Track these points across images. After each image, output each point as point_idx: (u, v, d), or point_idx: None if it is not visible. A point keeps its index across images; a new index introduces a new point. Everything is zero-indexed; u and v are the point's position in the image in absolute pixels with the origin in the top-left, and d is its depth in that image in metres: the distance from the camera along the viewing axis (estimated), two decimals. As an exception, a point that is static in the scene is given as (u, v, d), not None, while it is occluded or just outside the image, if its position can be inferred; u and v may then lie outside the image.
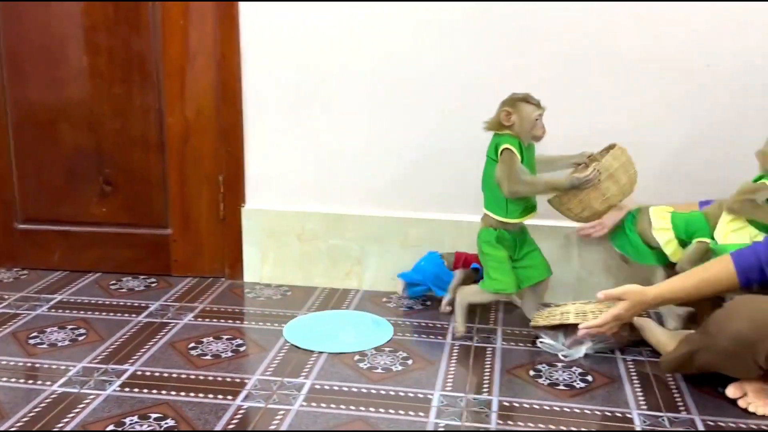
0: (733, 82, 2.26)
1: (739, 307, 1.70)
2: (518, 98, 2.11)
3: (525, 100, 2.10)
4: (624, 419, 1.74)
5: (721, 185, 2.26)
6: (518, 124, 2.09)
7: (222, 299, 2.49)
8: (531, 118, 2.09)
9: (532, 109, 2.09)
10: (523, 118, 2.09)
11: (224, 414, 1.74)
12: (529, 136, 2.12)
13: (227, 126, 2.54)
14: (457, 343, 2.15)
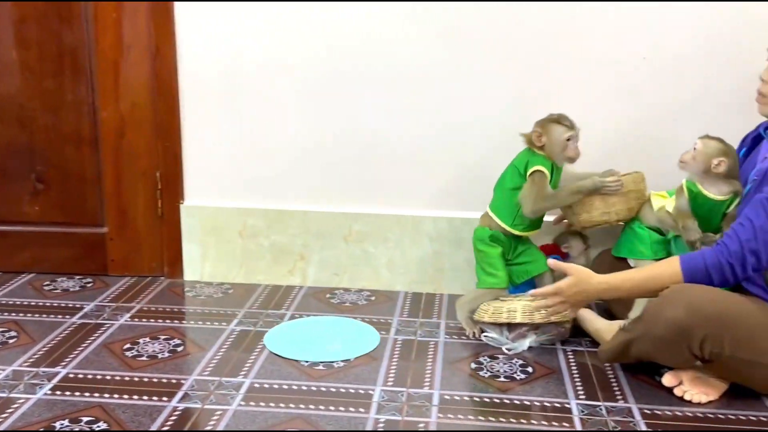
0: (667, 74, 2.30)
1: (674, 295, 1.72)
2: (550, 119, 2.08)
3: (556, 121, 2.08)
4: (563, 409, 1.75)
5: (658, 176, 2.30)
6: (548, 145, 2.08)
7: (161, 299, 2.43)
8: (561, 139, 2.07)
9: (563, 130, 2.06)
10: (553, 141, 2.07)
11: (159, 416, 1.70)
12: (561, 158, 2.10)
13: (164, 120, 2.48)
14: (400, 338, 2.14)
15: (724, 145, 1.92)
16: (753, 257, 1.71)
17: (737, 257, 1.72)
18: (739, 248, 1.72)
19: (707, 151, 1.91)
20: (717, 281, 1.74)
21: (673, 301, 1.71)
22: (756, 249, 1.71)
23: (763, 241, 1.70)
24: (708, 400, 1.79)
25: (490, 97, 2.37)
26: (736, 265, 1.72)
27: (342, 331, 2.18)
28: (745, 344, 1.69)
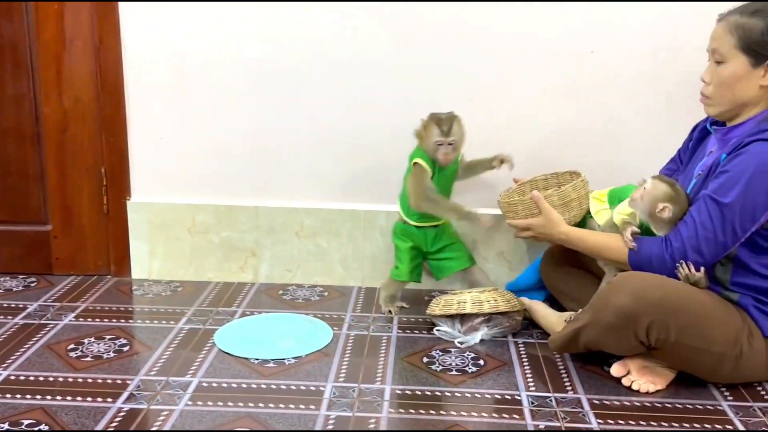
0: (615, 67, 2.32)
1: (623, 282, 1.74)
2: (433, 117, 2.13)
3: (436, 122, 2.11)
4: (513, 401, 1.76)
5: (605, 168, 2.33)
6: (424, 140, 2.13)
7: (107, 298, 2.37)
8: (432, 140, 2.11)
9: (437, 133, 2.10)
10: (426, 137, 2.12)
11: (103, 417, 1.65)
12: (434, 155, 2.13)
13: (108, 115, 2.42)
14: (352, 334, 2.13)
15: (673, 190, 1.81)
16: (695, 253, 1.74)
17: (679, 252, 1.75)
18: (681, 245, 1.75)
19: (654, 194, 1.81)
20: (659, 273, 1.77)
21: (620, 289, 1.73)
22: (697, 245, 1.73)
23: (704, 238, 1.73)
24: (655, 389, 1.81)
25: (439, 92, 2.36)
26: (677, 261, 1.75)
27: (294, 328, 2.15)
28: (691, 331, 1.71)
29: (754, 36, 1.72)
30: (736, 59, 1.76)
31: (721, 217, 1.71)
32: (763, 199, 1.69)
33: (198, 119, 2.43)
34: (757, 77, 1.75)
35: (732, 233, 1.72)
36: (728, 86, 1.78)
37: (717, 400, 1.77)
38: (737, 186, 1.69)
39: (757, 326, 1.77)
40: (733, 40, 1.75)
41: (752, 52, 1.73)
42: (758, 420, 1.69)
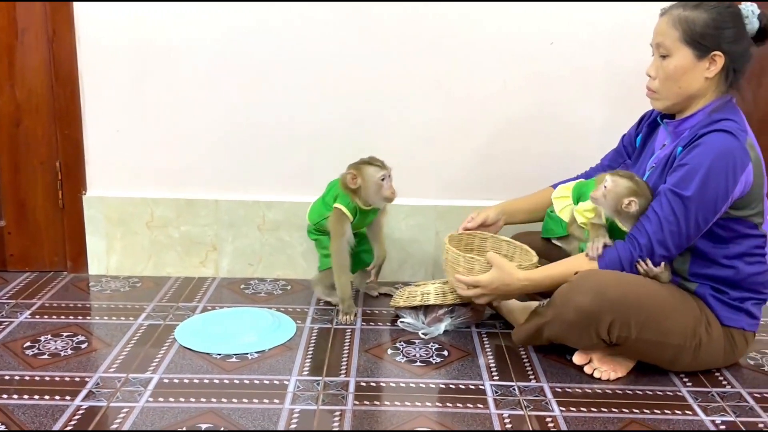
0: (574, 59, 2.34)
1: (583, 281, 1.75)
2: (362, 161, 2.12)
3: (369, 162, 2.11)
4: (477, 390, 1.76)
5: (565, 159, 2.35)
6: (364, 187, 2.10)
7: (63, 294, 2.32)
8: (376, 179, 2.09)
9: (375, 170, 2.09)
10: (368, 182, 2.09)
11: (61, 416, 1.62)
12: (378, 199, 2.12)
13: (63, 107, 2.36)
14: (316, 327, 2.11)
15: (634, 183, 1.82)
16: (661, 248, 1.75)
17: (647, 250, 1.76)
18: (648, 241, 1.75)
19: (617, 191, 1.81)
20: (630, 273, 1.78)
21: (581, 288, 1.74)
22: (663, 240, 1.75)
23: (669, 232, 1.74)
24: (617, 377, 1.83)
25: (399, 83, 2.36)
26: (646, 258, 1.76)
27: (257, 322, 2.12)
28: (651, 326, 1.73)
29: (698, 28, 1.74)
30: (681, 52, 1.77)
31: (684, 210, 1.72)
32: (722, 189, 1.71)
33: (155, 111, 2.38)
34: (702, 69, 1.77)
35: (695, 225, 1.74)
36: (674, 80, 1.79)
37: (677, 387, 1.80)
38: (696, 178, 1.71)
39: (715, 315, 1.81)
40: (677, 34, 1.76)
41: (696, 44, 1.75)
42: (717, 405, 1.72)
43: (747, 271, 1.80)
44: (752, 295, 1.82)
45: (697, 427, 1.62)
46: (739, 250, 1.79)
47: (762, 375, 1.88)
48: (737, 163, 1.71)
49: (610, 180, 1.83)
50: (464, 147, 2.41)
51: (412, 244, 2.47)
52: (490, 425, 1.61)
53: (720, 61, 1.75)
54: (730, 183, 1.70)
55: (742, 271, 1.79)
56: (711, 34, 1.74)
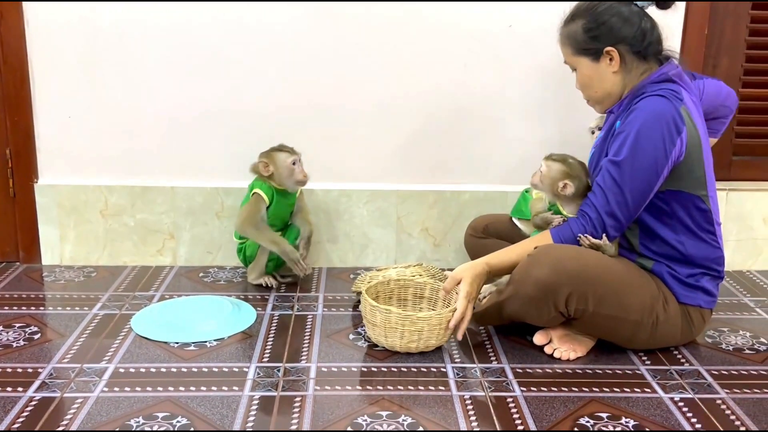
0: (532, 41, 2.34)
1: (541, 255, 1.76)
2: (272, 149, 2.21)
3: (279, 149, 2.20)
4: (439, 373, 1.76)
5: (525, 141, 2.36)
6: (276, 173, 2.18)
7: (16, 285, 2.26)
8: (287, 164, 2.18)
9: (286, 156, 2.19)
10: (280, 167, 2.18)
11: (13, 407, 1.57)
12: (291, 183, 2.20)
13: (11, 93, 2.29)
14: (276, 314, 2.09)
15: (566, 165, 1.85)
16: (611, 219, 1.77)
17: (598, 223, 1.78)
18: (597, 215, 1.78)
19: (551, 175, 1.86)
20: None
21: (539, 261, 1.75)
22: (611, 211, 1.77)
23: (616, 203, 1.76)
24: (576, 356, 1.84)
25: (357, 67, 2.34)
26: (599, 231, 1.78)
27: (216, 310, 2.09)
28: (609, 300, 1.75)
29: (579, 37, 1.82)
30: (580, 63, 1.85)
31: (623, 176, 1.74)
32: (660, 149, 1.72)
33: (108, 95, 2.32)
34: (605, 68, 1.82)
35: (639, 190, 1.75)
36: (588, 86, 1.87)
37: (635, 365, 1.82)
38: (629, 142, 1.74)
39: (672, 293, 1.83)
40: (569, 50, 1.86)
41: (585, 51, 1.82)
42: (675, 382, 1.74)
43: (695, 248, 1.82)
44: (707, 271, 1.85)
45: (655, 405, 1.64)
46: (685, 225, 1.81)
47: (719, 352, 1.91)
48: (671, 123, 1.73)
49: (544, 164, 1.89)
50: (425, 131, 2.40)
51: (374, 230, 2.46)
52: (451, 407, 1.61)
53: (615, 54, 1.81)
54: (668, 143, 1.72)
55: (689, 247, 1.82)
56: (591, 37, 1.81)
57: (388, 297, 2.02)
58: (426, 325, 1.79)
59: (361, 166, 2.39)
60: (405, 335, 1.80)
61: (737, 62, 2.43)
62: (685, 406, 1.64)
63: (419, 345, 1.82)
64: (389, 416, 1.56)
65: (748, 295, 2.31)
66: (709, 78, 2.05)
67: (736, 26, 2.40)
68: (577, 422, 1.56)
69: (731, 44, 2.42)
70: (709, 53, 2.41)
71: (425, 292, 2.03)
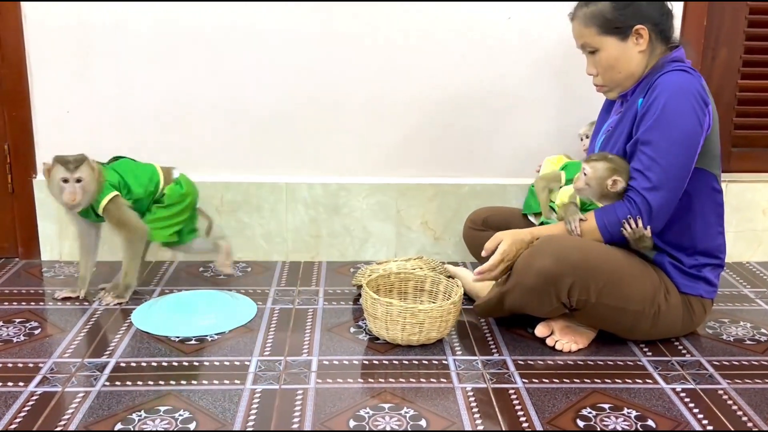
0: (531, 33, 2.34)
1: (543, 246, 1.76)
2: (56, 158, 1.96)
3: (59, 161, 1.95)
4: (441, 365, 1.76)
5: (523, 134, 2.35)
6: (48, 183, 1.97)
7: (15, 281, 2.25)
8: (57, 178, 1.94)
9: (60, 170, 1.93)
10: (51, 178, 1.95)
11: (15, 402, 1.57)
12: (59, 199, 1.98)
13: (10, 88, 2.28)
14: (277, 308, 2.09)
15: (611, 162, 1.80)
16: (655, 194, 1.74)
17: (643, 204, 1.75)
18: (641, 197, 1.75)
19: (598, 175, 1.79)
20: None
21: (542, 252, 1.75)
22: (654, 187, 1.74)
23: (657, 180, 1.73)
24: (578, 348, 1.84)
25: (358, 62, 2.33)
26: (645, 212, 1.75)
27: (216, 305, 2.08)
28: (610, 291, 1.75)
29: (608, 16, 1.79)
30: (606, 43, 1.81)
31: (661, 152, 1.72)
32: (694, 120, 1.72)
33: (106, 90, 2.32)
34: (632, 47, 1.81)
35: (679, 165, 1.73)
36: (612, 68, 1.83)
37: (637, 356, 1.82)
38: (661, 117, 1.72)
39: (673, 283, 1.83)
40: (594, 30, 1.81)
41: (614, 30, 1.79)
42: (677, 373, 1.74)
43: (703, 232, 1.82)
44: (709, 260, 1.85)
45: (657, 396, 1.64)
46: (699, 207, 1.81)
47: (720, 343, 1.91)
48: (698, 95, 1.73)
49: (588, 167, 1.82)
50: (423, 124, 2.40)
51: (374, 223, 2.45)
52: (453, 399, 1.60)
53: (644, 32, 1.79)
54: (699, 113, 1.73)
55: (698, 231, 1.82)
56: (621, 14, 1.78)
57: (389, 290, 2.02)
58: (427, 317, 1.79)
59: (360, 160, 2.38)
60: (406, 328, 1.80)
61: (736, 53, 2.43)
62: (687, 396, 1.64)
63: (420, 338, 1.82)
64: (391, 408, 1.56)
65: (748, 286, 2.31)
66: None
67: (735, 17, 2.40)
68: (579, 413, 1.56)
69: (730, 35, 2.41)
70: (708, 44, 2.41)
71: (426, 285, 2.03)
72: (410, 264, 2.13)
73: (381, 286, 2.00)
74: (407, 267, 2.10)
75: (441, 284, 2.00)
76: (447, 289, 1.97)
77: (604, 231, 1.80)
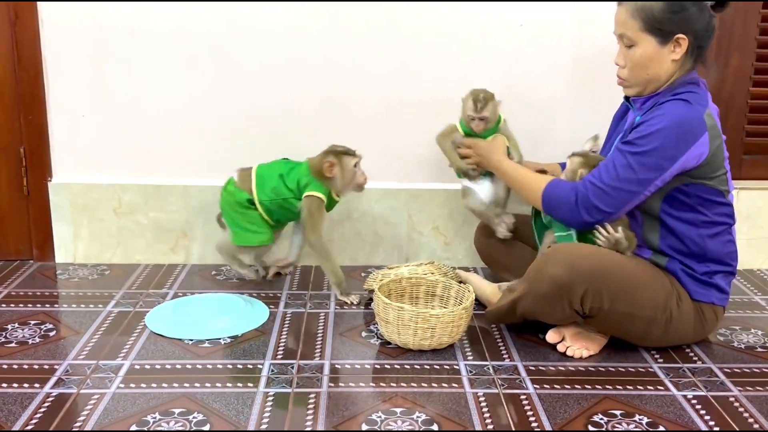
0: (542, 40, 2.35)
1: (556, 253, 1.77)
2: (339, 151, 2.11)
3: (346, 152, 2.11)
4: (452, 371, 1.77)
5: (534, 139, 2.36)
6: (340, 176, 2.11)
7: (30, 283, 2.27)
8: (350, 167, 2.12)
9: (350, 159, 2.12)
10: (346, 170, 2.12)
11: (30, 403, 1.58)
12: (351, 187, 2.14)
13: (26, 92, 2.31)
14: (289, 312, 2.10)
15: (585, 157, 1.90)
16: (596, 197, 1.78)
17: (582, 195, 1.80)
18: (584, 187, 1.80)
19: (572, 168, 1.90)
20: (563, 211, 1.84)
21: (555, 260, 1.75)
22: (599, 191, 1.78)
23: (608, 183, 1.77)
24: (589, 354, 1.85)
25: (370, 68, 2.35)
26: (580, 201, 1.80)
27: (229, 308, 2.10)
28: (623, 297, 1.75)
29: (657, 15, 1.77)
30: (644, 41, 1.79)
31: (627, 165, 1.75)
32: (670, 152, 1.73)
33: (121, 94, 2.34)
34: (668, 53, 1.80)
35: (637, 182, 1.76)
36: (643, 67, 1.82)
37: (648, 363, 1.82)
38: (647, 138, 1.74)
39: (685, 290, 1.83)
40: (638, 24, 1.79)
41: (657, 31, 1.78)
42: (688, 380, 1.74)
43: (714, 242, 1.83)
44: (720, 267, 1.85)
45: (669, 402, 1.64)
46: (706, 218, 1.82)
47: (731, 351, 1.91)
48: (691, 131, 1.73)
49: (568, 161, 1.92)
50: (435, 128, 2.40)
51: (385, 228, 2.47)
52: (465, 404, 1.61)
53: (684, 42, 1.78)
54: (681, 149, 1.73)
55: (708, 242, 1.82)
56: (670, 19, 1.76)
57: (400, 295, 2.03)
58: (439, 322, 1.80)
59: (372, 165, 2.39)
60: (418, 332, 1.81)
61: (748, 60, 2.43)
62: (698, 403, 1.64)
63: (432, 342, 1.83)
64: (403, 413, 1.57)
65: (759, 294, 2.31)
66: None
67: (746, 24, 2.40)
68: (591, 419, 1.56)
69: (742, 42, 2.42)
70: (719, 51, 2.41)
71: (437, 290, 2.04)
72: (422, 269, 2.14)
73: (393, 291, 2.01)
74: (419, 272, 2.11)
75: (452, 289, 2.01)
76: (458, 294, 1.98)
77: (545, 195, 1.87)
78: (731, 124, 2.49)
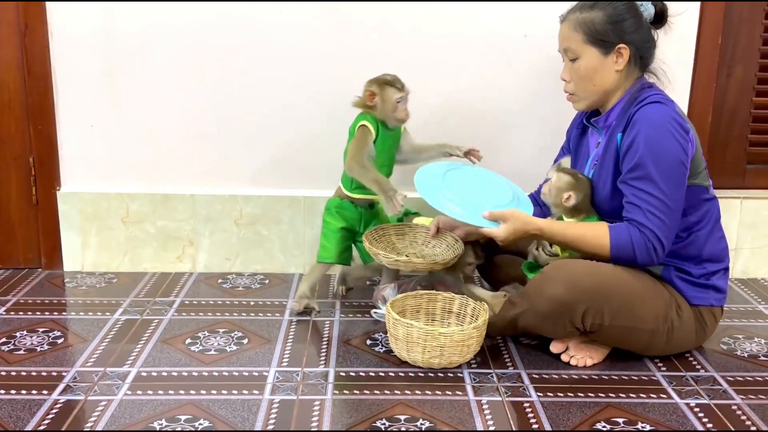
0: (547, 51, 2.35)
1: (555, 271, 1.77)
2: (384, 80, 2.12)
3: (390, 83, 2.11)
4: (455, 378, 1.78)
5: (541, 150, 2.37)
6: (381, 106, 2.11)
7: (38, 291, 2.30)
8: (393, 100, 2.10)
9: (394, 91, 2.10)
10: (386, 101, 2.10)
11: (39, 410, 1.60)
12: (392, 119, 2.13)
13: (36, 102, 2.34)
14: (294, 320, 2.12)
15: (575, 179, 1.87)
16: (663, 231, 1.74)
17: (653, 237, 1.74)
18: (654, 234, 1.74)
19: (559, 185, 1.87)
20: (640, 258, 1.76)
21: (554, 278, 1.75)
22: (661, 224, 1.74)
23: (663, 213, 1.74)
24: (593, 363, 1.86)
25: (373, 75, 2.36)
26: (654, 249, 1.75)
27: (496, 194, 1.96)
28: (624, 312, 1.76)
29: (598, 27, 1.81)
30: (588, 53, 1.84)
31: (658, 187, 1.73)
32: (677, 149, 1.74)
33: (129, 105, 2.37)
34: (611, 64, 1.83)
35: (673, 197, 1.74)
36: (588, 79, 1.86)
37: (651, 371, 1.83)
38: (648, 154, 1.74)
39: (683, 296, 1.84)
40: (580, 36, 1.83)
41: (600, 42, 1.82)
42: (691, 388, 1.75)
43: (707, 240, 1.84)
44: (717, 266, 1.87)
45: (671, 410, 1.65)
46: (696, 218, 1.84)
47: (734, 359, 1.92)
48: (678, 122, 1.76)
49: (554, 175, 1.90)
50: (435, 137, 2.40)
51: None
52: (469, 412, 1.63)
53: (626, 52, 1.82)
54: (681, 140, 1.75)
55: (702, 240, 1.84)
56: (611, 29, 1.81)
57: (416, 311, 2.01)
58: (448, 341, 1.78)
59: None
60: (427, 350, 1.80)
61: (751, 71, 2.44)
62: (701, 411, 1.65)
63: (441, 361, 1.80)
64: (407, 420, 1.59)
65: (762, 303, 2.32)
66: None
67: (750, 34, 2.42)
68: (594, 427, 1.57)
69: (745, 52, 2.43)
70: (723, 62, 2.43)
71: (454, 307, 2.01)
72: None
73: (408, 306, 1.99)
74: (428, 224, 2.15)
75: (469, 306, 1.97)
76: (474, 312, 1.94)
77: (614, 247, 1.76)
78: (735, 134, 2.51)
